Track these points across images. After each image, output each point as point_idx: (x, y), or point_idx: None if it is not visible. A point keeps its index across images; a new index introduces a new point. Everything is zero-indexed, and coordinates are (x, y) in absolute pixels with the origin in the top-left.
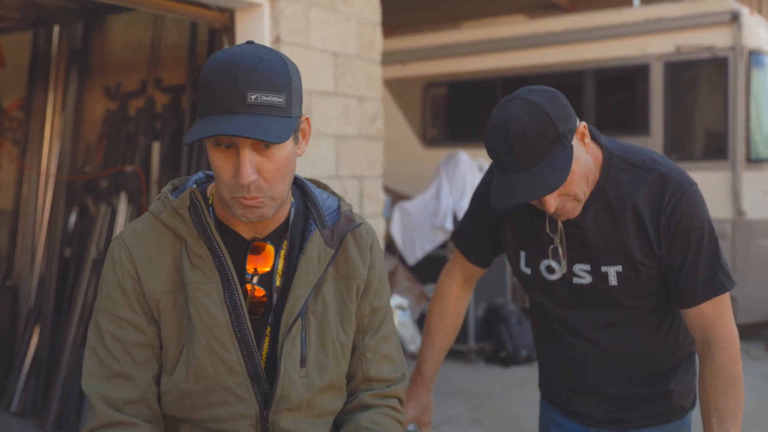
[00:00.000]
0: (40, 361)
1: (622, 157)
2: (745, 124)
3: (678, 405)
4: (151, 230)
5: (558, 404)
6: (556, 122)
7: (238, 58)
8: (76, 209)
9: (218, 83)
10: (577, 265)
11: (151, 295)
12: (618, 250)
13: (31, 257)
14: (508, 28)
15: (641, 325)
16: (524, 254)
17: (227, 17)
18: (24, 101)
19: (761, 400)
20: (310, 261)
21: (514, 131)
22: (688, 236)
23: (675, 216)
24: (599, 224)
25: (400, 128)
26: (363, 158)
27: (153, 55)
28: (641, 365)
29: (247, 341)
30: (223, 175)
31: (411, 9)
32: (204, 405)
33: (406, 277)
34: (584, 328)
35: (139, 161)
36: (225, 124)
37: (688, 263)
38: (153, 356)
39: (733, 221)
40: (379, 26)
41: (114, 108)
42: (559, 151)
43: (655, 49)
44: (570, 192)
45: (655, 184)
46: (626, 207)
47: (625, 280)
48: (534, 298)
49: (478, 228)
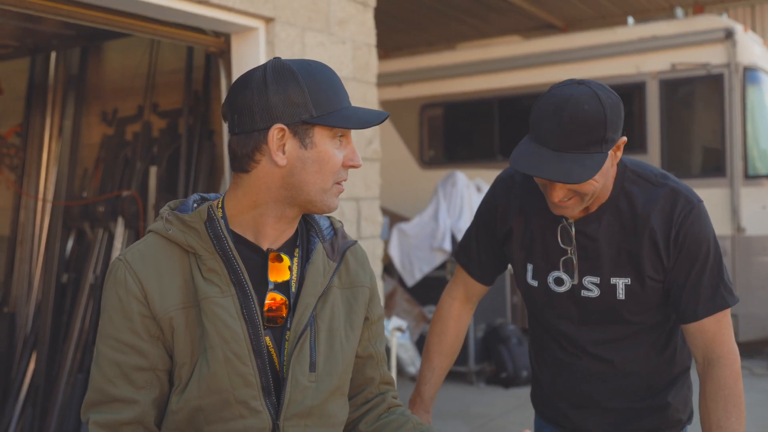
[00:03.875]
0: (37, 388)
1: (635, 171)
2: (742, 140)
3: (675, 418)
4: (156, 248)
5: (553, 420)
6: (608, 126)
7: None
8: (73, 234)
9: (336, 81)
10: (587, 277)
11: (164, 313)
12: (628, 262)
13: (28, 283)
14: (504, 49)
15: (643, 341)
16: (531, 267)
17: (223, 41)
18: (21, 127)
19: (764, 418)
20: (317, 271)
21: (570, 112)
22: (696, 250)
23: (684, 229)
24: (612, 235)
25: (398, 150)
26: (360, 180)
27: (149, 81)
28: (641, 379)
29: (262, 353)
30: (336, 163)
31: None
32: (216, 420)
33: (405, 299)
34: (587, 342)
35: (136, 186)
36: (372, 111)
37: (693, 277)
38: (155, 379)
39: (732, 238)
40: (375, 48)
41: (111, 133)
42: (596, 152)
43: (651, 67)
44: (581, 191)
45: (666, 199)
46: (638, 219)
47: (632, 294)
48: (536, 312)
49: (482, 243)
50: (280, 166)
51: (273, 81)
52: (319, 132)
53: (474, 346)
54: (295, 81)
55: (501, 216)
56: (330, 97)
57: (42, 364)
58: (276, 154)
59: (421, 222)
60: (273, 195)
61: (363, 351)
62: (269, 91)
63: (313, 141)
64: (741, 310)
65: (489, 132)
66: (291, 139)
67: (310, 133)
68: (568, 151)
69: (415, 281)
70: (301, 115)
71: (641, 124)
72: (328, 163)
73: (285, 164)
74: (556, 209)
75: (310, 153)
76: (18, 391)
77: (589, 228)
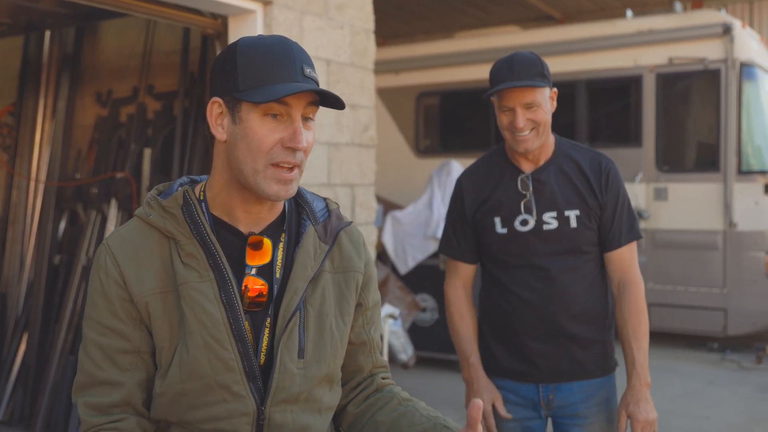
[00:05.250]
0: (28, 368)
1: (569, 141)
2: (736, 135)
3: (610, 358)
4: (137, 233)
5: (508, 373)
6: (545, 67)
7: (285, 39)
8: (65, 216)
9: (276, 57)
10: (546, 213)
11: (139, 298)
12: (575, 198)
13: (20, 264)
14: (502, 39)
15: (591, 270)
16: (499, 219)
17: (220, 24)
18: (14, 107)
19: (754, 411)
20: (307, 255)
21: (517, 58)
22: (617, 191)
23: (610, 176)
24: (558, 179)
25: (393, 138)
26: (355, 166)
27: (145, 62)
28: (591, 307)
29: (244, 338)
30: (265, 142)
31: (405, 20)
32: (200, 404)
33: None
34: (552, 270)
35: (130, 168)
36: (302, 86)
37: (618, 210)
38: (139, 362)
39: (724, 233)
40: (372, 34)
41: (105, 114)
42: (541, 81)
43: (648, 61)
44: (536, 118)
45: (594, 157)
46: (575, 168)
47: (581, 223)
48: (499, 264)
49: (458, 232)
50: (222, 141)
51: (221, 55)
52: (246, 107)
53: None
54: (231, 55)
55: (468, 198)
56: (260, 72)
57: (33, 345)
58: (215, 129)
59: (415, 210)
60: (228, 173)
61: (356, 338)
62: (215, 64)
63: (240, 116)
64: (731, 305)
65: (485, 122)
66: (227, 114)
67: (238, 108)
68: (524, 79)
69: (408, 269)
70: (230, 88)
71: (637, 118)
72: (254, 139)
73: (225, 139)
74: (519, 143)
75: (239, 129)
76: (9, 372)
77: (541, 176)
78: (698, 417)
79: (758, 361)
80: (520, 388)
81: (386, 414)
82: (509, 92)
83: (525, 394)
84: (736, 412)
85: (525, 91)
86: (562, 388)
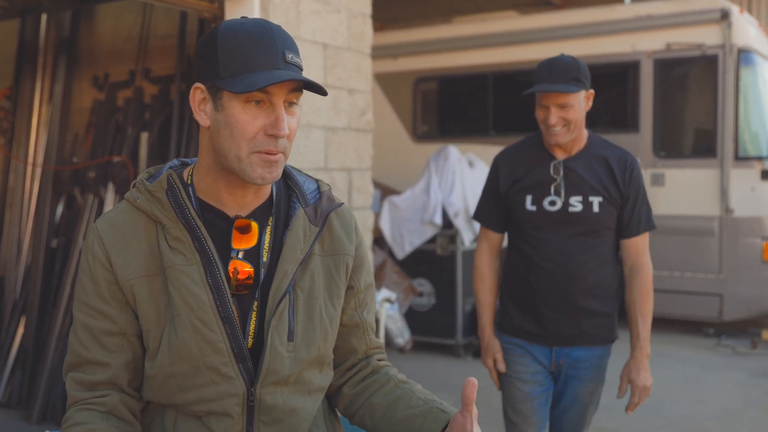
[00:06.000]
0: (26, 352)
1: (600, 138)
2: (733, 122)
3: (612, 331)
4: (125, 216)
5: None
6: (582, 71)
7: (266, 23)
8: (63, 199)
9: (256, 43)
10: (572, 197)
11: (125, 281)
12: (600, 186)
13: (18, 247)
14: (500, 24)
15: (605, 251)
16: (530, 197)
17: (217, 7)
18: (11, 90)
19: (746, 396)
20: (296, 238)
21: (557, 61)
22: (638, 186)
23: (633, 172)
24: (586, 169)
25: (391, 123)
26: (352, 150)
27: (142, 45)
28: (601, 283)
29: (231, 320)
30: (248, 130)
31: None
32: (190, 386)
33: (395, 271)
34: (572, 247)
35: (127, 152)
36: (283, 75)
37: (638, 202)
38: (125, 344)
39: (720, 219)
40: (370, 18)
41: (102, 98)
42: (575, 85)
43: (646, 47)
44: (567, 117)
45: (621, 153)
46: (602, 161)
47: (602, 209)
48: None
49: (490, 204)
50: (206, 127)
51: (202, 39)
52: (228, 95)
53: (462, 320)
54: (212, 40)
55: (504, 176)
56: (240, 58)
57: (31, 329)
58: (198, 115)
59: (413, 195)
60: (212, 158)
61: (349, 320)
62: (198, 49)
63: (222, 104)
64: (727, 291)
65: (483, 107)
66: (209, 100)
67: (220, 95)
68: (560, 83)
69: (405, 254)
70: (211, 75)
71: (634, 103)
72: (236, 127)
73: (209, 125)
74: (552, 136)
75: (221, 116)
76: (7, 355)
77: (572, 164)
78: (692, 401)
79: (753, 346)
80: (533, 349)
81: (382, 396)
82: (545, 93)
83: (537, 354)
84: (730, 397)
85: (559, 94)
86: (570, 354)
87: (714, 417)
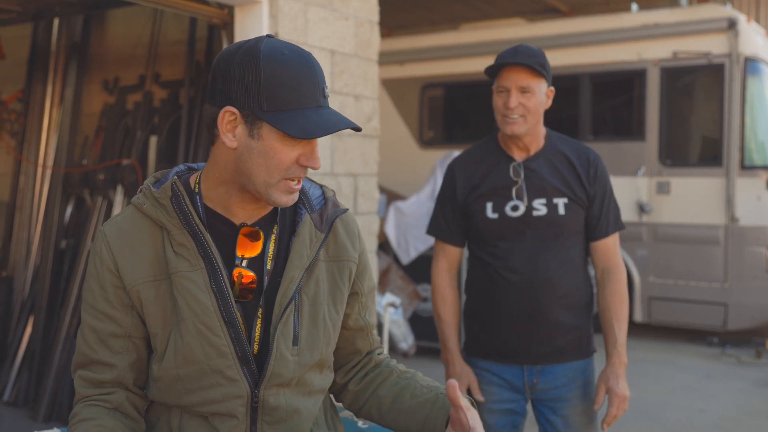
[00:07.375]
0: (33, 352)
1: (559, 135)
2: (740, 131)
3: (590, 343)
4: (132, 221)
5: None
6: (547, 62)
7: (307, 55)
8: (72, 201)
9: (303, 79)
10: (536, 200)
11: (132, 286)
12: (564, 186)
13: (27, 248)
14: (507, 31)
15: (574, 256)
16: (490, 204)
17: (226, 14)
18: (23, 93)
19: (749, 405)
20: (302, 244)
21: (522, 46)
22: (605, 183)
23: (598, 169)
24: (548, 168)
25: (397, 129)
26: (358, 156)
27: (152, 51)
28: (573, 291)
29: (235, 325)
30: (284, 160)
31: (410, 11)
32: (196, 388)
33: (399, 276)
34: (538, 255)
35: (136, 155)
36: (333, 118)
37: (606, 202)
38: (130, 346)
39: (726, 227)
40: (377, 25)
41: (112, 102)
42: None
43: (652, 55)
44: (527, 104)
45: (582, 150)
46: (564, 160)
47: (568, 211)
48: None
49: (446, 215)
50: (231, 148)
51: (240, 61)
52: (268, 126)
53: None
54: (255, 67)
55: (461, 183)
56: (287, 94)
57: (39, 329)
58: (225, 136)
59: (418, 201)
60: (230, 175)
61: (354, 324)
62: (232, 70)
63: (261, 134)
64: (732, 300)
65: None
66: (242, 124)
67: (258, 125)
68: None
69: (410, 259)
70: (251, 104)
71: (640, 111)
72: (274, 158)
73: (235, 147)
74: (508, 125)
75: (256, 144)
76: (15, 355)
77: (532, 164)
78: (693, 410)
79: (758, 356)
80: (505, 371)
81: (387, 388)
82: (507, 72)
83: (509, 378)
84: (731, 405)
85: (522, 73)
86: (546, 372)
87: (714, 425)
